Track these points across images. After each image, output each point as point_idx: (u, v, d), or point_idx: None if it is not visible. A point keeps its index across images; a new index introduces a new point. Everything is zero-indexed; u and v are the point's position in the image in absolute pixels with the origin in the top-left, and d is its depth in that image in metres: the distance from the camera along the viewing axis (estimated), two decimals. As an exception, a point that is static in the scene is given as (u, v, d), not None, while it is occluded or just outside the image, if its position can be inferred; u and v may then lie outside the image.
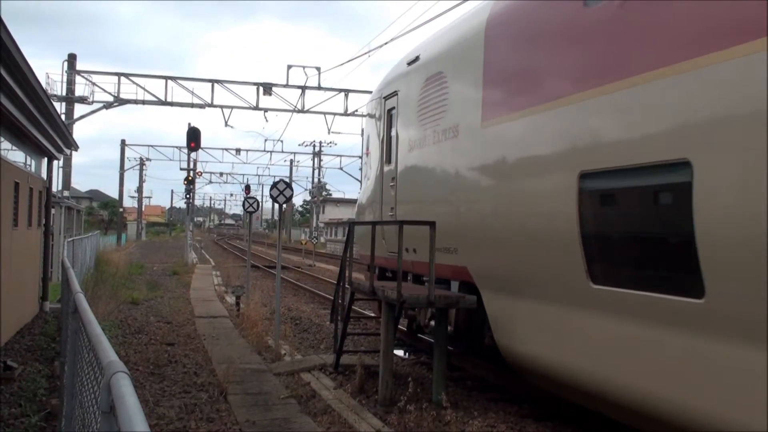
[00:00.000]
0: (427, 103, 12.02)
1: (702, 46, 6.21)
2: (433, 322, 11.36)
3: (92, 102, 36.30)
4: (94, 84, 36.26)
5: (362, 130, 16.70)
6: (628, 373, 7.12)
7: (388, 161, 13.91)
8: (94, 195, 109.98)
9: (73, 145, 21.03)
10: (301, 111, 37.97)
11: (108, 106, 36.31)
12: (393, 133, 13.67)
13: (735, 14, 6.04)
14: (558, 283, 8.26)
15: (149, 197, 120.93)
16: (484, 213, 9.71)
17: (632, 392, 7.05)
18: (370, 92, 16.63)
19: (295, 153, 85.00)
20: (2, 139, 13.46)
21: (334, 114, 40.10)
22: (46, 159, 19.33)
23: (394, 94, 13.72)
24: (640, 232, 7.21)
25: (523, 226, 8.85)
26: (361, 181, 16.76)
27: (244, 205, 23.27)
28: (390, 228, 12.83)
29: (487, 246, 9.46)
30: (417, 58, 12.85)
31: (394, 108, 13.71)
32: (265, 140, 71.12)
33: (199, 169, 57.05)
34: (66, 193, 36.52)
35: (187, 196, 48.38)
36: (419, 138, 12.27)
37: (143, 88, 36.40)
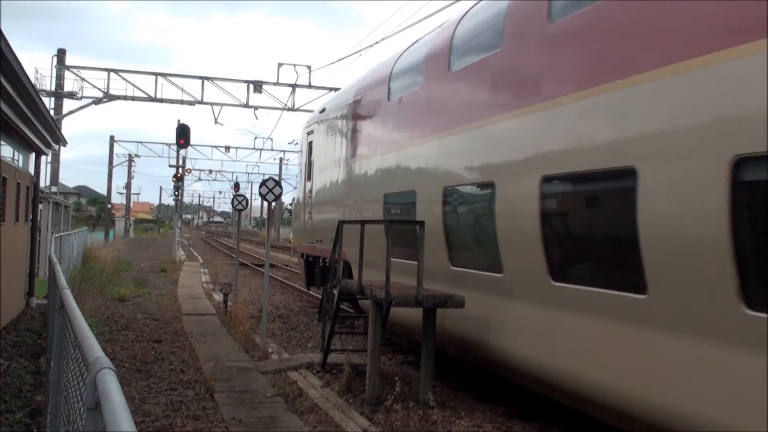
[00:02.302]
0: (327, 141, 17.79)
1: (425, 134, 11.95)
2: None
3: (81, 97, 36.09)
4: (83, 79, 36.06)
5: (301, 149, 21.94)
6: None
7: (309, 178, 19.34)
8: (82, 191, 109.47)
9: (61, 141, 20.92)
10: (292, 109, 37.88)
11: (97, 101, 36.10)
12: (312, 158, 19.28)
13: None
14: (377, 259, 11.93)
15: (138, 194, 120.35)
16: (350, 216, 14.85)
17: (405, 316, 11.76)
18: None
19: (284, 151, 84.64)
20: (-10, 133, 13.38)
21: (325, 112, 40.00)
22: (33, 154, 19.23)
23: (312, 131, 19.48)
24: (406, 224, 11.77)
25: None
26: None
27: (233, 203, 23.22)
28: (309, 224, 18.71)
29: (351, 237, 12.65)
30: (324, 109, 18.82)
31: (312, 141, 19.44)
32: (255, 138, 70.82)
33: (188, 166, 56.87)
34: (54, 189, 36.34)
35: (176, 193, 48.22)
36: (323, 164, 17.76)
37: (133, 84, 36.21)
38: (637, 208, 6.76)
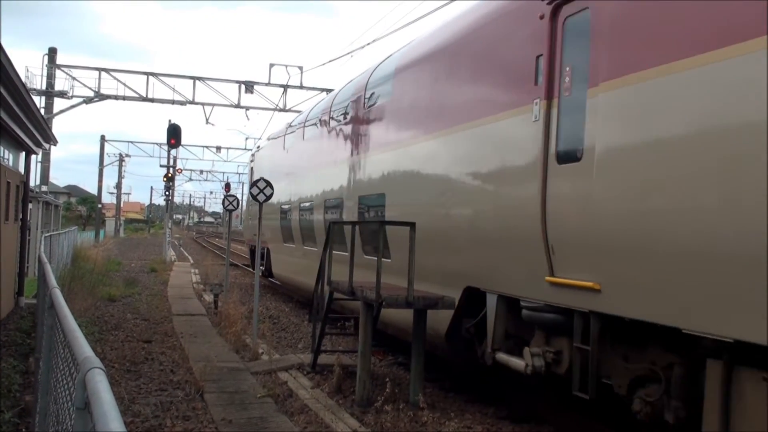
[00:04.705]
0: (260, 169, 25.29)
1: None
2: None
3: (72, 97, 35.92)
4: (74, 78, 35.90)
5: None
6: (298, 274, 19.33)
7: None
8: (72, 190, 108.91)
9: (52, 140, 20.85)
10: (283, 110, 37.79)
11: (88, 101, 35.95)
12: (252, 180, 25.40)
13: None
14: (283, 245, 21.43)
15: (128, 194, 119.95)
16: (272, 219, 21.99)
17: (299, 281, 19.41)
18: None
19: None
20: (-20, 132, 13.31)
21: (316, 113, 39.82)
22: (24, 153, 19.15)
23: (253, 160, 28.74)
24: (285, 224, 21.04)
25: (276, 223, 21.92)
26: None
27: (224, 203, 23.17)
28: (249, 224, 28.51)
29: (271, 233, 22.45)
30: (259, 147, 28.95)
31: (253, 167, 28.41)
32: (246, 138, 70.59)
33: (179, 166, 56.73)
34: (44, 188, 36.17)
35: (167, 193, 48.09)
36: None
37: (124, 84, 36.07)
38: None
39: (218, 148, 71.27)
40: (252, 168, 28.62)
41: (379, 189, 12.80)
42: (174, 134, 32.55)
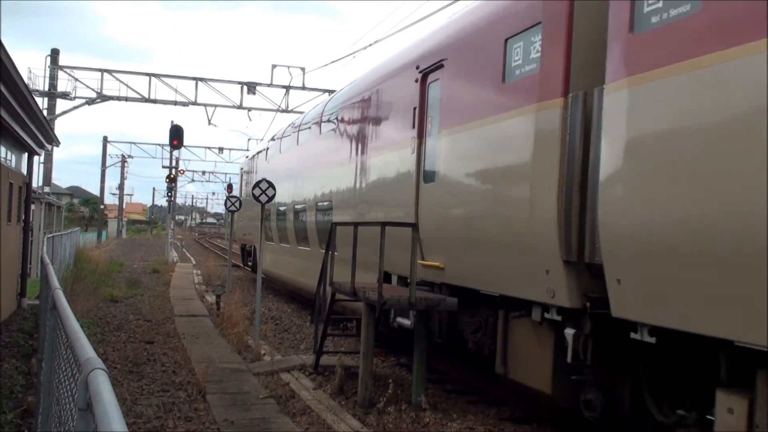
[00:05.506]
0: (250, 177, 28.70)
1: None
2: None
3: (74, 98, 35.96)
4: (76, 80, 35.95)
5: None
6: (289, 272, 20.96)
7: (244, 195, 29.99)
8: (75, 191, 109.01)
9: (54, 141, 20.87)
10: (285, 111, 37.81)
11: (90, 102, 36.00)
12: (242, 186, 31.65)
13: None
14: (265, 243, 19.83)
15: (131, 195, 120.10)
16: (258, 220, 19.81)
17: (290, 278, 21.18)
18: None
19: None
20: (-18, 133, 13.32)
21: (319, 114, 39.74)
22: (26, 154, 19.17)
23: (243, 168, 32.14)
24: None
25: (257, 224, 19.82)
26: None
27: (226, 204, 23.20)
28: (240, 224, 29.41)
29: (257, 232, 19.53)
30: (248, 157, 31.69)
31: (245, 174, 31.71)
32: (249, 139, 70.68)
33: (181, 167, 56.81)
34: (46, 189, 36.22)
35: (169, 194, 48.15)
36: (246, 192, 27.36)
37: (126, 85, 36.12)
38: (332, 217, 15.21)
39: (220, 149, 71.32)
40: (242, 174, 32.88)
41: (328, 198, 16.27)
42: (176, 135, 32.62)
